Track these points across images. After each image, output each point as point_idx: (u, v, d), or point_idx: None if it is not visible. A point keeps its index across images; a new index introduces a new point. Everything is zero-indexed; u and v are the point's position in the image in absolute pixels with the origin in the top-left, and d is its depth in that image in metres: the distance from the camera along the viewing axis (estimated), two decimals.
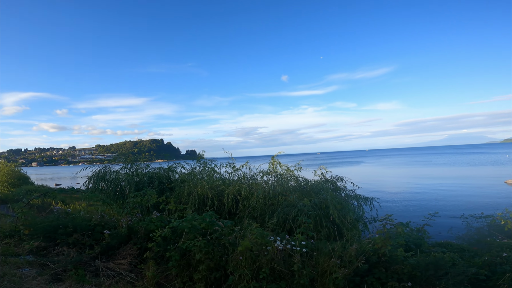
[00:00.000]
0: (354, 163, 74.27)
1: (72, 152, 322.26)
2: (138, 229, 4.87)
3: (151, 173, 10.41)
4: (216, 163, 11.35)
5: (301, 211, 6.69)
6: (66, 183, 51.47)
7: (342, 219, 6.64)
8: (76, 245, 4.74)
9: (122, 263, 4.69)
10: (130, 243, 4.88)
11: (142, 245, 4.78)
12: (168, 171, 11.15)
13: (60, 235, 4.66)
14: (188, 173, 11.36)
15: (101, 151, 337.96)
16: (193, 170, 11.40)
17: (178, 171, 11.57)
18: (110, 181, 9.69)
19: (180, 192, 8.74)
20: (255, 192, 8.22)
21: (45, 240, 4.72)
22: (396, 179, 36.41)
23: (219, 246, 4.17)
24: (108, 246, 4.63)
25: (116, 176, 9.40)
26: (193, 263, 4.17)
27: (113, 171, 9.57)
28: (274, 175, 10.43)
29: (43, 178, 60.19)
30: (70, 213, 5.17)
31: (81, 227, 4.70)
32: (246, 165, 9.75)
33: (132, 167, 9.72)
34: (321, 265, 3.72)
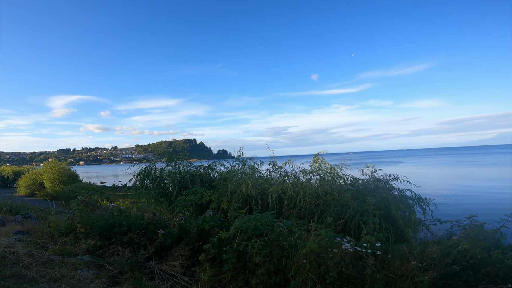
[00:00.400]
0: (392, 163, 70.01)
1: (115, 151, 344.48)
2: (190, 229, 4.69)
3: (192, 172, 10.43)
4: (254, 161, 11.10)
5: (356, 211, 6.20)
6: (110, 181, 54.90)
7: (406, 220, 6.03)
8: (130, 245, 4.67)
9: (175, 264, 4.52)
10: (182, 243, 4.71)
11: (195, 246, 4.59)
12: (208, 169, 11.11)
13: (115, 234, 4.61)
14: (227, 171, 11.23)
15: (140, 150, 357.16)
16: (232, 168, 11.25)
17: (217, 169, 11.50)
18: (154, 179, 9.86)
19: (223, 191, 8.59)
20: (301, 191, 7.84)
21: (100, 239, 4.70)
22: (442, 180, 33.65)
23: (277, 248, 3.87)
24: (161, 247, 4.48)
25: (160, 174, 9.53)
26: (250, 266, 3.90)
27: (157, 169, 9.70)
28: (317, 174, 9.97)
29: (89, 176, 64.63)
30: (123, 211, 5.13)
31: (135, 226, 4.61)
32: (289, 162, 9.34)
33: (175, 165, 9.80)
34: (397, 269, 3.37)
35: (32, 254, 4.29)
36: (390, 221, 6.15)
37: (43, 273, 3.64)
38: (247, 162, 11.09)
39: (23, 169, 36.47)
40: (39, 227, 5.92)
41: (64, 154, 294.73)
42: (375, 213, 5.56)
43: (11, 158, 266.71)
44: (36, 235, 5.69)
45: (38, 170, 30.31)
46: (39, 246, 4.71)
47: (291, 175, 9.61)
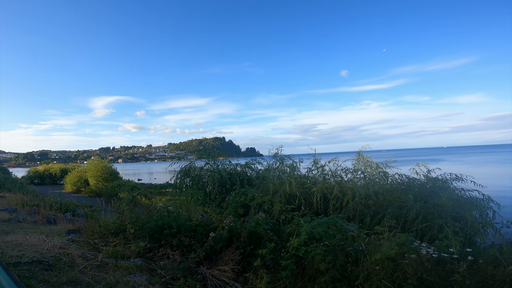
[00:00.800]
0: (431, 161, 64.74)
1: (149, 150, 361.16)
2: (239, 232, 4.40)
3: (229, 170, 10.23)
4: (292, 159, 10.65)
5: (418, 213, 5.57)
6: (145, 178, 57.31)
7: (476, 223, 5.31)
8: (179, 247, 4.48)
9: (225, 269, 4.25)
10: (232, 247, 4.44)
11: (246, 250, 4.30)
12: (245, 168, 10.86)
13: (165, 236, 4.45)
14: (265, 169, 10.90)
15: (172, 148, 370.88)
16: (270, 166, 10.90)
17: (254, 167, 11.21)
18: (193, 177, 9.80)
19: (264, 190, 8.27)
20: (348, 191, 7.30)
21: (150, 240, 4.58)
22: (492, 180, 30.64)
23: (341, 254, 3.49)
24: (211, 250, 4.24)
25: (199, 173, 9.45)
26: (310, 273, 3.57)
27: (197, 167, 9.63)
28: (361, 172, 9.32)
29: (127, 174, 68.11)
30: (171, 212, 4.98)
31: (184, 228, 4.42)
32: (334, 160, 8.78)
33: (214, 163, 9.66)
34: (490, 274, 3.04)
35: (86, 256, 4.25)
36: (461, 223, 5.46)
37: (99, 278, 3.53)
38: (285, 160, 10.68)
39: (69, 167, 39.14)
40: (90, 226, 6.00)
41: (105, 152, 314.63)
42: (447, 216, 4.91)
43: (57, 156, 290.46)
44: (87, 234, 5.76)
45: (83, 168, 32.20)
46: (91, 248, 4.69)
47: (332, 173, 9.10)
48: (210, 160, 9.78)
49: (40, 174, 38.08)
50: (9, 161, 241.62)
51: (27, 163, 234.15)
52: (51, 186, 33.34)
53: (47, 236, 5.15)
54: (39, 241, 4.67)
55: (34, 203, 9.61)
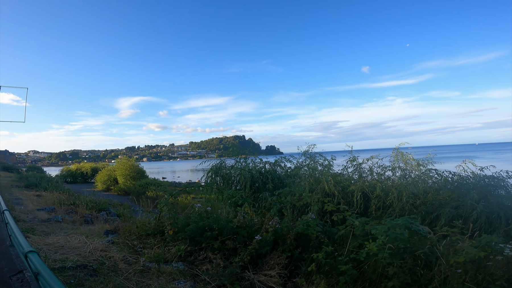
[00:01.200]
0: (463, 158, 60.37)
1: (172, 148, 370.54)
2: (286, 234, 4.09)
3: (259, 168, 9.92)
4: (324, 157, 10.19)
5: (481, 212, 5.01)
6: (169, 176, 58.57)
7: None
8: (220, 251, 4.23)
9: (272, 274, 3.95)
10: (278, 250, 4.14)
11: (293, 253, 3.99)
12: (274, 166, 10.51)
13: (206, 239, 4.21)
14: (295, 167, 10.51)
15: (193, 147, 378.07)
16: (301, 164, 10.49)
17: (283, 165, 10.84)
18: (223, 176, 9.60)
19: (299, 189, 7.90)
20: (392, 189, 6.78)
21: (190, 243, 4.36)
22: None
23: (409, 257, 3.20)
24: (257, 254, 3.95)
25: (229, 171, 9.24)
26: (373, 278, 3.28)
27: (227, 166, 9.41)
28: (402, 170, 8.72)
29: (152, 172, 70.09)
30: (209, 212, 4.74)
31: (227, 230, 4.16)
32: (373, 158, 8.23)
33: (245, 161, 9.41)
34: None
35: (128, 260, 4.10)
36: None
37: (143, 285, 3.34)
38: (316, 158, 10.23)
39: (99, 166, 40.65)
40: (126, 227, 5.92)
41: (131, 152, 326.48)
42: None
43: (87, 155, 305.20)
44: (125, 235, 5.67)
45: (112, 167, 33.22)
46: (131, 250, 4.56)
47: (371, 171, 8.58)
48: (241, 159, 9.52)
49: (73, 173, 39.77)
50: (43, 160, 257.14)
51: (60, 162, 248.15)
52: (82, 185, 34.72)
53: (87, 237, 5.10)
54: (80, 243, 4.60)
55: (70, 202, 9.83)
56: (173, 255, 4.31)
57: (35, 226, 5.76)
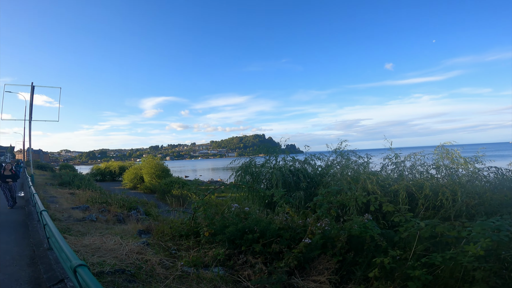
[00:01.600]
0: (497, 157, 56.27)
1: (193, 147, 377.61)
2: (337, 237, 3.71)
3: (289, 167, 9.50)
4: (358, 155, 9.59)
5: None
6: (191, 175, 59.38)
7: None
8: (261, 254, 3.91)
9: (322, 280, 3.57)
10: (327, 254, 3.76)
11: (346, 257, 3.60)
12: (304, 164, 10.05)
13: (246, 242, 3.90)
14: (326, 165, 9.99)
15: (214, 146, 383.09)
16: (332, 162, 9.95)
17: (313, 163, 10.34)
18: (253, 174, 9.28)
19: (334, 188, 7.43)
20: (443, 189, 6.17)
21: (229, 246, 4.07)
22: None
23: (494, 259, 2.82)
24: (304, 258, 3.59)
25: (259, 170, 8.91)
26: (450, 283, 2.93)
27: (257, 164, 9.09)
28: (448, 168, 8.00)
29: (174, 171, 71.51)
30: (248, 213, 4.43)
31: (269, 232, 3.82)
32: (418, 155, 7.58)
33: (274, 159, 9.03)
34: None
35: (165, 264, 3.88)
36: None
37: None
38: (346, 155, 9.67)
39: (126, 164, 41.85)
40: (159, 227, 5.76)
41: (154, 151, 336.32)
42: None
43: (114, 154, 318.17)
44: (157, 236, 5.50)
45: (139, 165, 34.00)
46: (167, 253, 4.34)
47: (416, 169, 7.95)
48: (271, 157, 9.14)
49: (102, 171, 41.20)
50: (74, 159, 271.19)
51: (89, 161, 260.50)
52: (111, 183, 35.85)
53: (121, 237, 4.96)
54: (116, 244, 4.45)
55: (103, 200, 9.95)
56: (211, 259, 4.04)
57: (70, 225, 5.75)
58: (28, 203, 8.73)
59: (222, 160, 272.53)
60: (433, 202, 6.29)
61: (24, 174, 20.54)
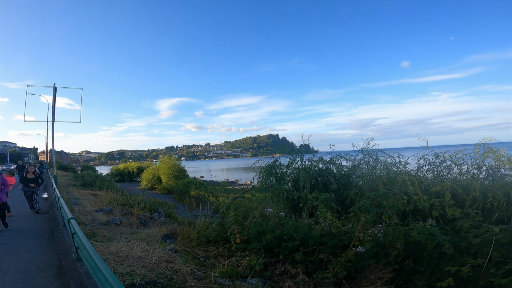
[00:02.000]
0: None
1: (208, 148, 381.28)
2: (390, 243, 3.31)
3: (312, 167, 9.03)
4: (387, 154, 9.00)
5: None
6: (207, 175, 59.54)
7: None
8: (302, 263, 3.54)
9: None
10: (381, 262, 3.37)
11: (403, 266, 3.21)
12: (329, 164, 9.55)
13: (285, 250, 3.54)
14: (352, 166, 9.46)
15: (228, 146, 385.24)
16: (358, 162, 9.41)
17: (338, 164, 9.82)
18: (276, 176, 8.89)
19: (363, 190, 6.94)
20: (494, 189, 5.60)
21: (266, 254, 3.72)
22: None
23: None
24: (354, 268, 3.21)
25: (284, 170, 8.52)
26: None
27: (282, 165, 8.69)
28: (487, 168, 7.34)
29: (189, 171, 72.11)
30: (282, 218, 4.06)
31: (312, 239, 3.45)
32: (460, 153, 6.96)
33: (300, 159, 8.60)
34: None
35: (196, 274, 3.57)
36: None
37: None
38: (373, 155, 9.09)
39: (144, 165, 42.38)
40: (184, 232, 5.49)
41: (170, 151, 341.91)
42: None
43: (132, 155, 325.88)
44: (183, 241, 5.24)
45: (156, 166, 34.22)
46: (197, 262, 4.04)
47: (446, 169, 7.37)
48: (296, 156, 8.72)
49: (121, 172, 41.85)
50: (94, 160, 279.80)
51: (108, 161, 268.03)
52: (129, 183, 36.30)
53: (147, 243, 4.71)
54: (143, 251, 4.20)
55: (124, 201, 9.85)
56: (245, 269, 3.70)
57: (95, 229, 5.58)
58: (52, 206, 8.69)
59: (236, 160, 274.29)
60: (481, 204, 5.75)
61: (47, 175, 21.04)
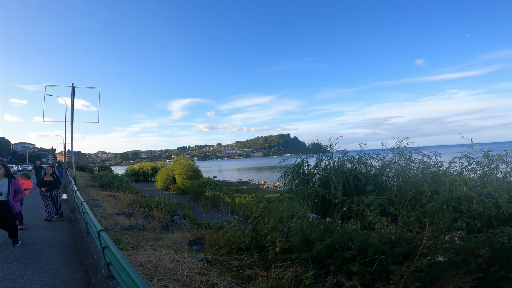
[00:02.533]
0: None
1: (219, 148, 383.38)
2: (469, 251, 2.83)
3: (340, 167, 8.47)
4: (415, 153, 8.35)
5: None
6: (219, 175, 59.32)
7: None
8: (357, 274, 3.05)
9: None
10: (460, 271, 2.87)
11: (488, 274, 2.69)
12: (358, 164, 8.96)
13: (337, 260, 3.07)
14: (383, 165, 8.84)
15: (239, 146, 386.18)
16: (389, 162, 8.79)
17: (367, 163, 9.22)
18: (300, 176, 8.38)
19: (410, 191, 6.37)
20: None
21: (314, 265, 3.24)
22: None
23: None
24: (429, 279, 2.72)
25: (312, 171, 8.01)
26: None
27: (310, 165, 8.17)
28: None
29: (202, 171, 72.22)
30: (327, 224, 3.58)
31: (372, 248, 2.96)
32: None
33: (329, 158, 8.06)
34: None
35: None
36: None
37: None
38: (412, 154, 8.45)
39: (158, 165, 42.47)
40: (212, 237, 5.09)
41: (182, 151, 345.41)
42: None
43: (146, 155, 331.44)
44: (211, 248, 4.84)
45: (170, 166, 34.07)
46: (233, 274, 3.61)
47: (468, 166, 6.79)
48: (324, 156, 8.17)
49: (136, 172, 42.05)
50: (109, 160, 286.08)
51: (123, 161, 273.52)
52: (144, 183, 36.37)
53: (175, 251, 4.33)
54: (172, 261, 3.80)
55: (143, 203, 9.58)
56: (290, 282, 3.24)
57: (119, 235, 5.24)
58: (74, 210, 8.32)
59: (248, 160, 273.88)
60: None
61: (66, 176, 21.23)
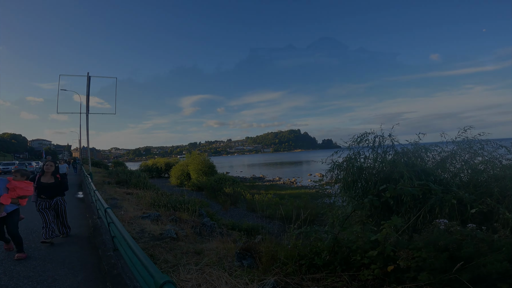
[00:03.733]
0: None
1: (229, 144, 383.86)
2: None
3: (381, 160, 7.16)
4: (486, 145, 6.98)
5: None
6: (232, 171, 58.42)
7: None
8: None
9: None
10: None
11: None
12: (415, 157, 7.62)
13: None
14: (442, 160, 7.50)
15: (249, 142, 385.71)
16: (451, 155, 7.43)
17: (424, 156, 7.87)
18: (347, 169, 7.15)
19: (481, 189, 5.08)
20: None
21: None
22: None
23: None
24: None
25: (369, 165, 6.77)
26: None
27: (364, 156, 6.91)
28: None
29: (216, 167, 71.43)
30: (454, 233, 2.37)
31: None
32: None
33: (380, 150, 6.80)
34: None
35: None
36: None
37: None
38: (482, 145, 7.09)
39: (172, 161, 41.79)
40: (268, 250, 3.95)
41: (193, 147, 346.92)
42: None
43: (157, 151, 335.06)
44: (268, 264, 3.72)
45: (185, 161, 33.22)
46: None
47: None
48: (379, 148, 6.90)
49: (149, 168, 41.58)
50: (122, 156, 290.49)
51: (136, 158, 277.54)
52: (158, 179, 35.66)
53: (228, 272, 3.20)
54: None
55: (164, 202, 8.57)
56: None
57: (150, 248, 4.11)
58: (93, 214, 6.79)
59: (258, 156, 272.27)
60: None
61: (81, 172, 20.61)
